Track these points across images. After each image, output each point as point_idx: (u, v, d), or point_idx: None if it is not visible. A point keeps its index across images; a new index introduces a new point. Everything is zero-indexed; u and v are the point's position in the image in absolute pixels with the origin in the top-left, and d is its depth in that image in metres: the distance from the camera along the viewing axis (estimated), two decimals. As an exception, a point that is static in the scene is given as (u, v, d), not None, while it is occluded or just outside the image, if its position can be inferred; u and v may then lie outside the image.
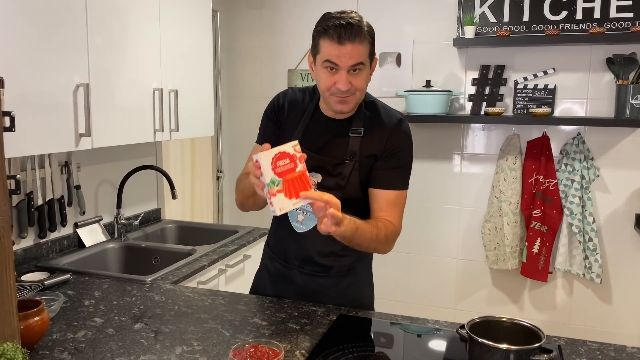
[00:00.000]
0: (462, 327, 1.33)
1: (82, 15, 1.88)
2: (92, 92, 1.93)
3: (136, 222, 2.54)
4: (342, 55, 1.43)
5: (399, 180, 1.59)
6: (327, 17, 1.46)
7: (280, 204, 1.28)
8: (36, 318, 1.35)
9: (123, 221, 2.50)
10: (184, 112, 2.50)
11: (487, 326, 1.33)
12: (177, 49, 2.45)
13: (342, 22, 1.42)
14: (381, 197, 1.58)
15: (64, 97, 1.83)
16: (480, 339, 1.24)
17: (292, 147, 1.31)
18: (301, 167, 1.32)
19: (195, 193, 3.38)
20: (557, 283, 3.11)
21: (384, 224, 1.53)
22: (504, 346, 1.21)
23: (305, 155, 1.33)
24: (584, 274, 2.96)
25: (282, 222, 1.66)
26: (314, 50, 1.51)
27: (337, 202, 1.32)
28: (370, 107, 1.62)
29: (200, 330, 1.49)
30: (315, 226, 1.51)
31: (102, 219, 2.49)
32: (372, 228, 1.49)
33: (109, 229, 2.51)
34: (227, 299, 1.73)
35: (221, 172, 3.61)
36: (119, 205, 2.50)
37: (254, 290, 1.86)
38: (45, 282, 1.82)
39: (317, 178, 1.60)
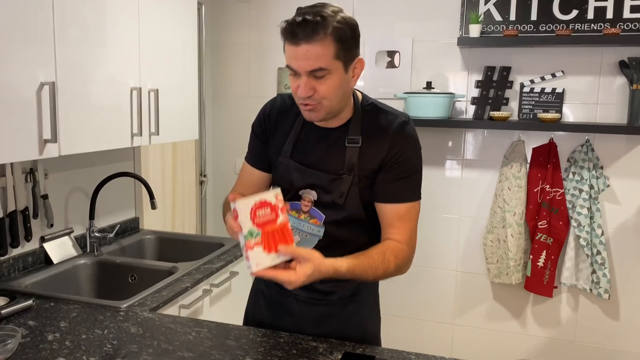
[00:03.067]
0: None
1: (48, 4, 1.63)
2: (60, 92, 1.69)
3: (111, 235, 2.29)
4: (297, 57, 1.25)
5: (408, 191, 1.40)
6: (295, 14, 1.29)
7: (258, 259, 1.15)
8: (-16, 367, 1.12)
9: (96, 234, 2.26)
10: (166, 114, 2.26)
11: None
12: (158, 44, 2.21)
13: (298, 18, 1.24)
14: (390, 212, 1.39)
15: (26, 97, 1.58)
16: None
17: (274, 196, 1.20)
18: (283, 218, 1.20)
19: (177, 199, 3.13)
20: (562, 298, 2.94)
21: (393, 252, 1.35)
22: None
23: (288, 205, 1.23)
24: (590, 289, 2.80)
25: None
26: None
27: (314, 264, 1.18)
28: (369, 112, 1.42)
29: (183, 376, 1.27)
30: (314, 248, 1.38)
31: (72, 232, 2.24)
32: (379, 263, 1.32)
33: (80, 242, 2.26)
34: (213, 332, 1.52)
35: (205, 176, 3.38)
36: (92, 217, 2.25)
37: (248, 316, 1.66)
38: (3, 312, 1.57)
39: (312, 195, 1.41)
